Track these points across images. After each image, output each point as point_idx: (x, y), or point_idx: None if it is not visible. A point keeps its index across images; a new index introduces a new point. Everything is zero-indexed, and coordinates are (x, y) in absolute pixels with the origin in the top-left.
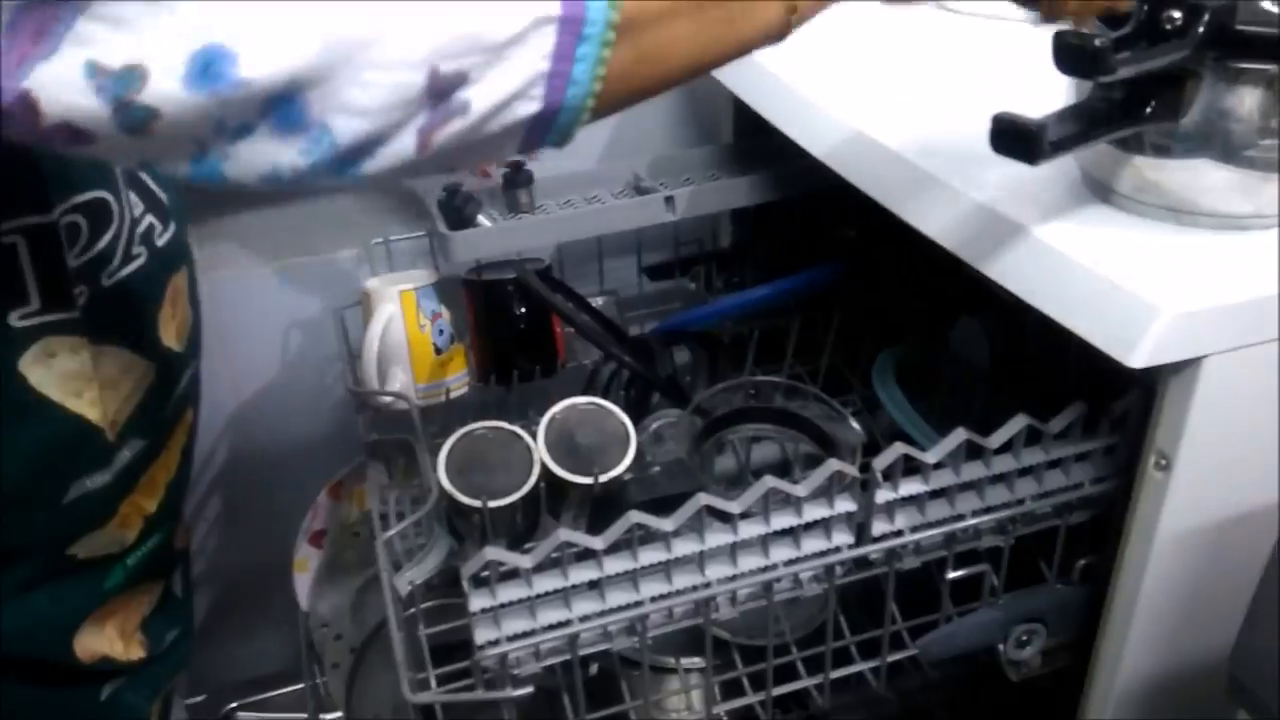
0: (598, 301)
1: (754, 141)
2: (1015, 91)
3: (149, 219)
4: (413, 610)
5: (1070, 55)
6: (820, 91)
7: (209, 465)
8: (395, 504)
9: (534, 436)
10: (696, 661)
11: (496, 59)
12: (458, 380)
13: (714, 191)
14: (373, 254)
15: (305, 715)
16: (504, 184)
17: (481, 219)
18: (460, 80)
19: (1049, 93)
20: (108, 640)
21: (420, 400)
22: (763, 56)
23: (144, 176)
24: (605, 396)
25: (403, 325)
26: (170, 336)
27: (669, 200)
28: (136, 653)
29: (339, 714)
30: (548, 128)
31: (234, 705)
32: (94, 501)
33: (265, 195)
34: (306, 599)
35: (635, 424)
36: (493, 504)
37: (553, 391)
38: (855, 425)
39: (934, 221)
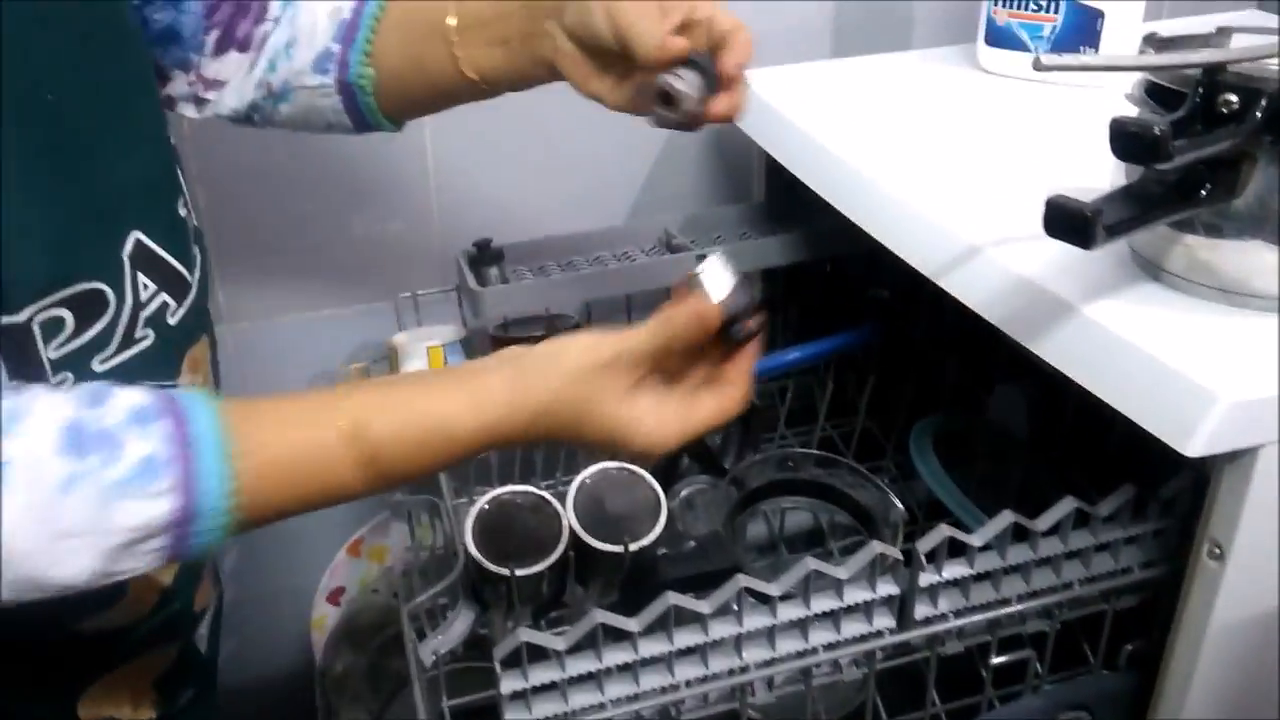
0: None
1: (786, 200)
2: (1058, 158)
3: (161, 299)
4: (436, 677)
5: (1128, 142)
6: (855, 152)
7: None
8: (419, 566)
9: (562, 501)
10: None
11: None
12: None
13: (746, 251)
14: (400, 307)
15: None
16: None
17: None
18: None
19: (1094, 160)
20: (114, 704)
21: None
22: (796, 114)
23: (163, 253)
24: None
25: None
26: None
27: (701, 259)
28: (147, 713)
29: None
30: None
31: None
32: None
33: (291, 243)
34: (324, 657)
35: (665, 488)
36: (520, 572)
37: (579, 448)
38: (898, 503)
39: (977, 294)
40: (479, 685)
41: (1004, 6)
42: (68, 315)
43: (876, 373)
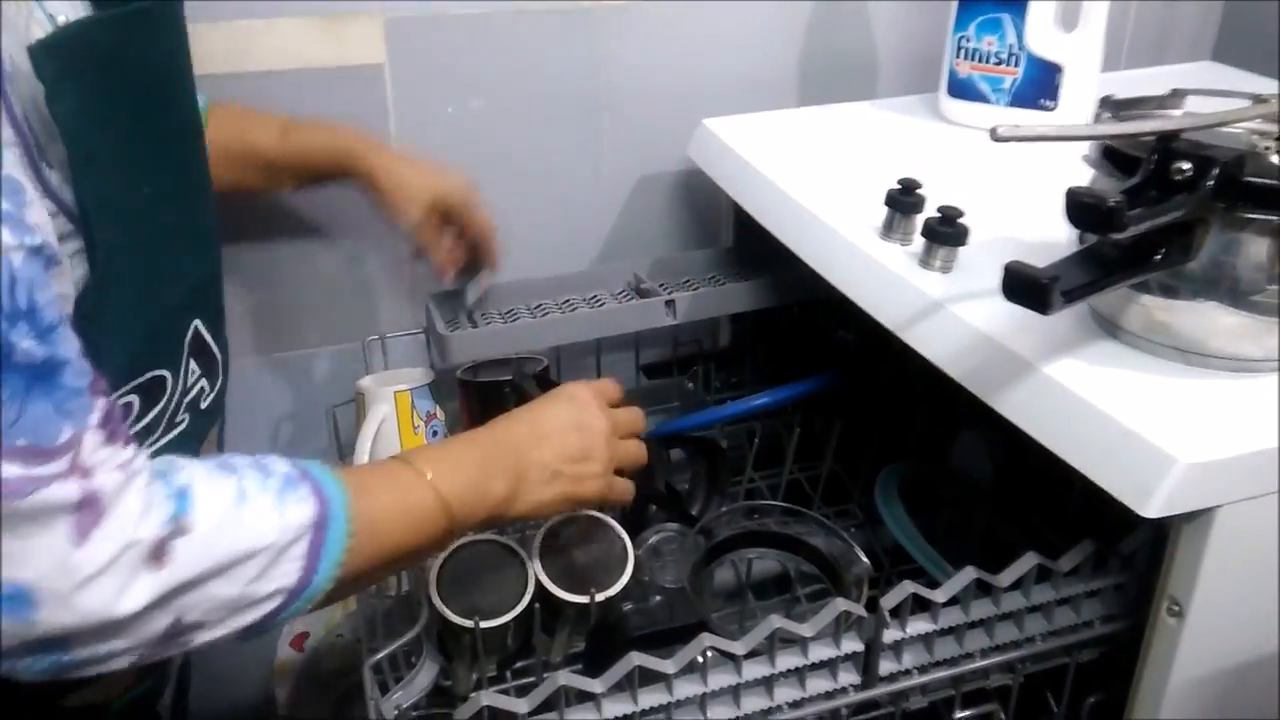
0: None
1: (754, 245)
2: (1018, 208)
3: (201, 384)
4: None
5: (1083, 213)
6: (819, 200)
7: None
8: (382, 612)
9: (528, 550)
10: None
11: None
12: None
13: (714, 296)
14: (368, 349)
15: None
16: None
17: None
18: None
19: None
20: (91, 693)
21: None
22: (762, 162)
23: (210, 340)
24: None
25: (396, 427)
26: None
27: (669, 304)
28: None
29: None
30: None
31: None
32: None
33: (259, 284)
34: (287, 704)
35: (632, 535)
36: (485, 624)
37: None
38: (863, 558)
39: (938, 349)
40: None
41: (966, 59)
42: (136, 400)
43: (844, 417)
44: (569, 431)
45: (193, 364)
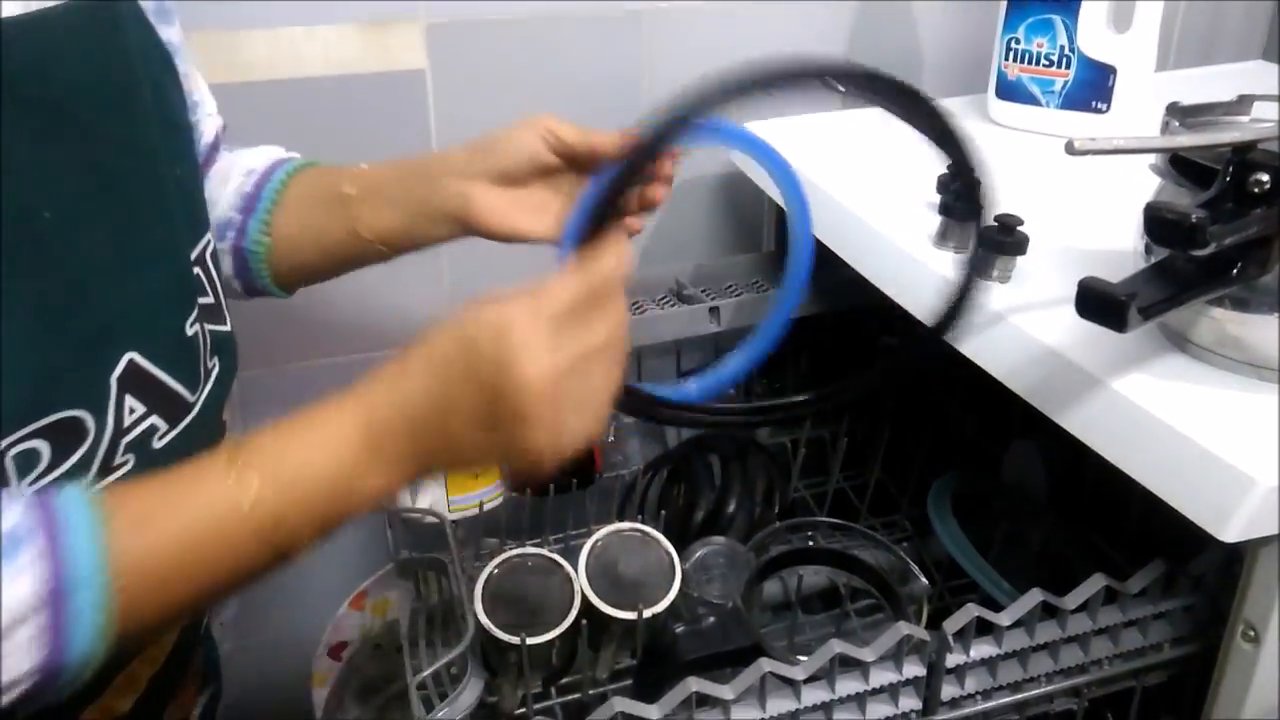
0: None
1: None
2: (1074, 214)
3: (149, 422)
4: None
5: (1164, 229)
6: (866, 205)
7: None
8: (425, 627)
9: (573, 563)
10: None
11: None
12: (492, 491)
13: (759, 303)
14: None
15: None
16: None
17: None
18: None
19: (1112, 218)
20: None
21: (452, 513)
22: (807, 165)
23: (160, 373)
24: (643, 510)
25: None
26: None
27: (714, 311)
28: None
29: None
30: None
31: None
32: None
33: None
34: (325, 713)
35: (677, 547)
36: (531, 641)
37: (589, 502)
38: (921, 577)
39: (999, 362)
40: None
41: (1015, 61)
42: (43, 446)
43: (890, 425)
44: (481, 415)
45: (130, 400)
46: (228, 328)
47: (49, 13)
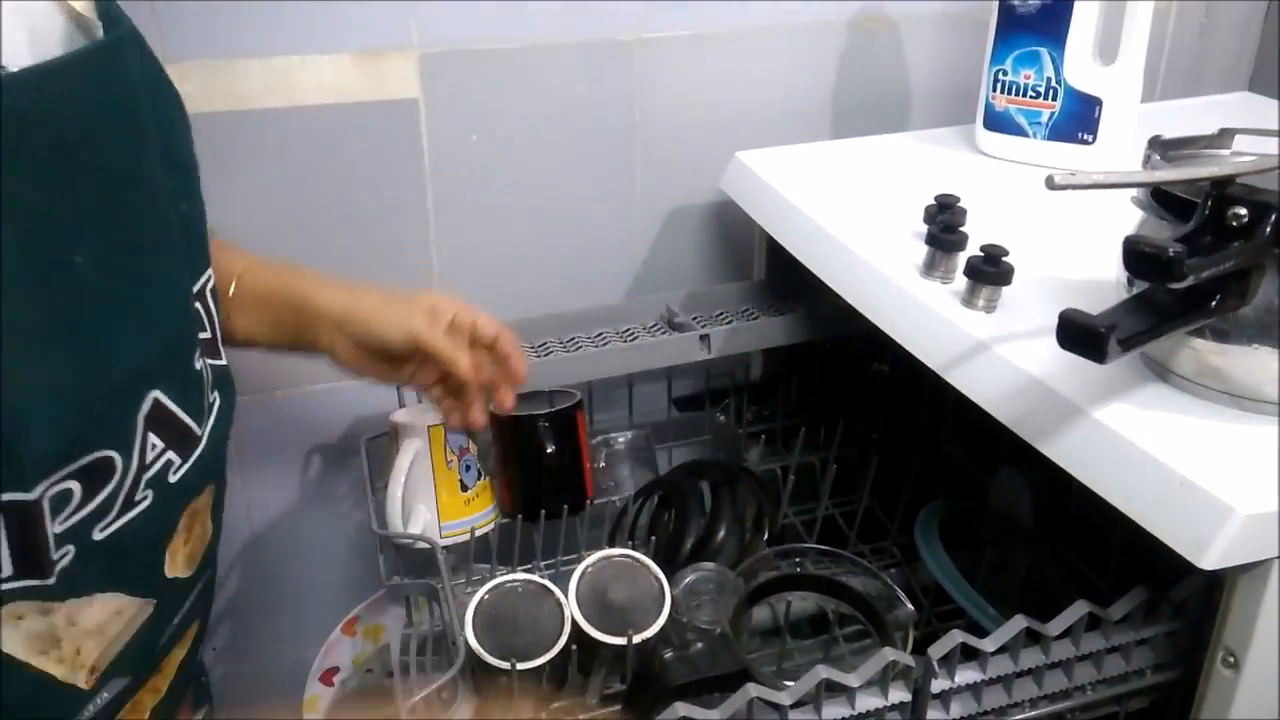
0: (627, 435)
1: (787, 278)
2: (1059, 244)
3: (166, 457)
4: None
5: (1142, 263)
6: (854, 234)
7: (219, 592)
8: (416, 652)
9: (563, 588)
10: None
11: None
12: (484, 517)
13: (749, 330)
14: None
15: None
16: None
17: None
18: None
19: (1096, 248)
20: None
21: (444, 539)
22: (796, 195)
23: (177, 410)
24: (633, 536)
25: (429, 461)
26: (179, 566)
27: (704, 339)
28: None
29: None
30: None
31: None
32: None
33: None
34: None
35: (667, 573)
36: (521, 666)
37: (581, 527)
38: (907, 603)
39: (984, 391)
40: None
41: (1003, 93)
42: (76, 486)
43: (879, 453)
44: None
45: (152, 438)
46: (224, 362)
47: (61, 61)
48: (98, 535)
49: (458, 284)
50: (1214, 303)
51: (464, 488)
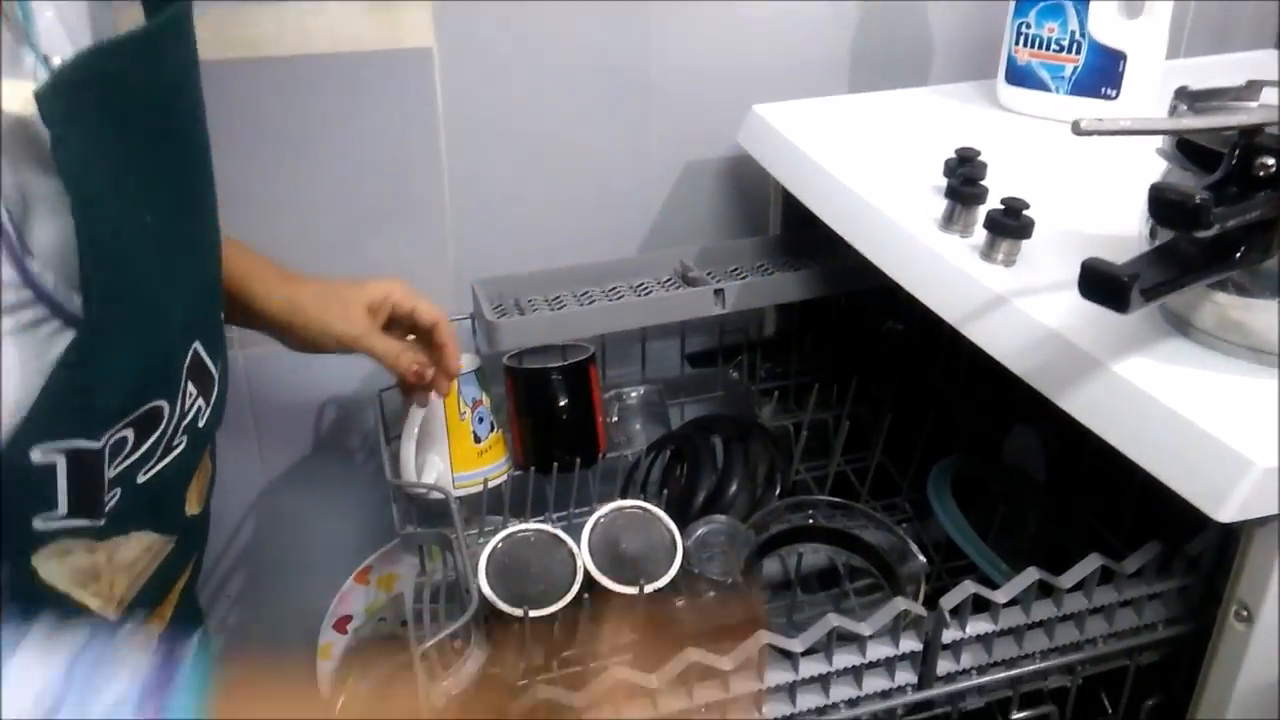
0: (640, 390)
1: (802, 234)
2: (1081, 199)
3: (198, 404)
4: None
5: (1168, 210)
6: (872, 188)
7: (234, 543)
8: (429, 600)
9: (576, 538)
10: None
11: None
12: (496, 469)
13: (764, 286)
14: None
15: None
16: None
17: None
18: None
19: (1118, 203)
20: None
21: (457, 490)
22: (813, 149)
23: (207, 359)
24: (645, 489)
25: (443, 413)
26: (193, 505)
27: (719, 293)
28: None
29: None
30: None
31: None
32: None
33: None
34: (330, 687)
35: (679, 526)
36: (534, 614)
37: (593, 481)
38: (919, 555)
39: (1002, 345)
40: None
41: (1025, 46)
42: (130, 434)
43: (892, 409)
44: None
45: (190, 387)
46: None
47: (164, 21)
48: (141, 479)
49: (471, 237)
50: (1238, 254)
51: (477, 439)
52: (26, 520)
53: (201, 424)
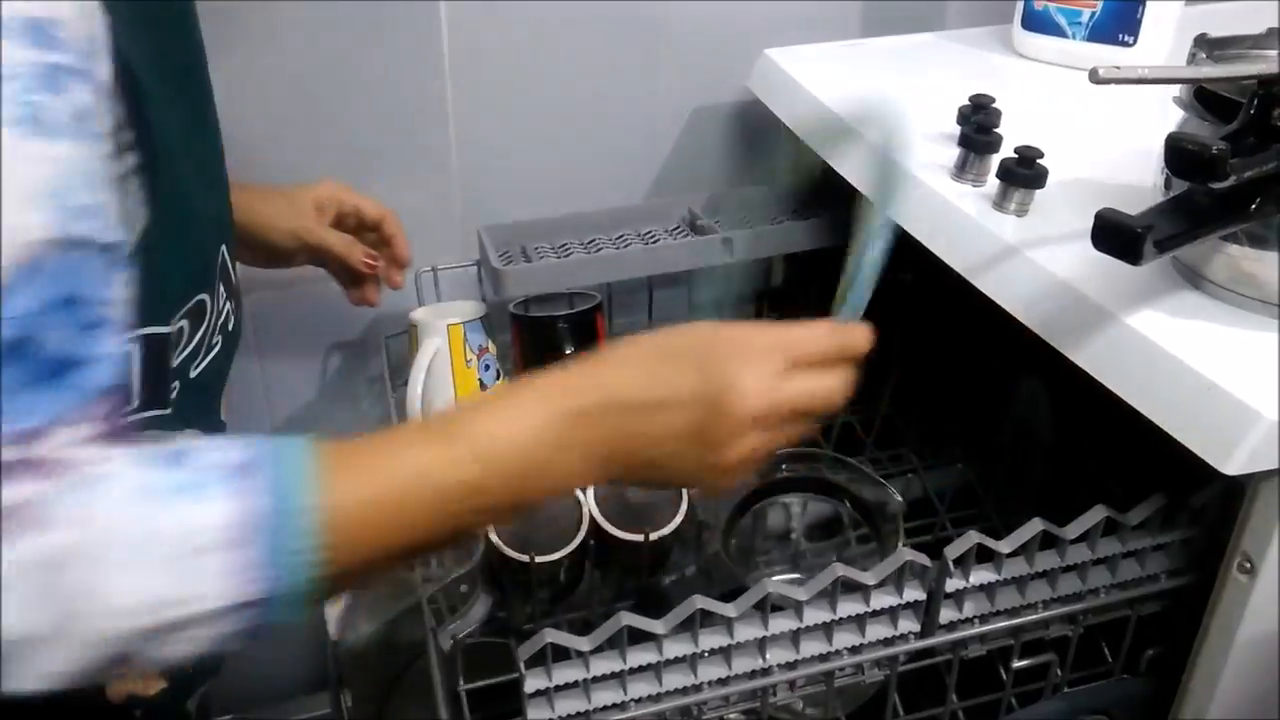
0: None
1: (812, 182)
2: (1096, 148)
3: (229, 306)
4: (454, 660)
5: (1185, 161)
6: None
7: None
8: None
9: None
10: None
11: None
12: None
13: (773, 234)
14: (420, 281)
15: None
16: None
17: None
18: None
19: (1133, 152)
20: (131, 682)
21: None
22: (824, 94)
23: (229, 261)
24: None
25: (449, 360)
26: (224, 411)
27: (727, 242)
28: (157, 686)
29: None
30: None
31: None
32: None
33: None
34: (336, 629)
35: None
36: (540, 559)
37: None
38: (896, 496)
39: (1012, 295)
40: (493, 660)
41: None
42: (186, 325)
43: (899, 362)
44: (690, 426)
45: (221, 288)
46: None
47: None
48: (193, 373)
49: (476, 183)
50: (1254, 206)
51: (483, 386)
52: None
53: (230, 327)
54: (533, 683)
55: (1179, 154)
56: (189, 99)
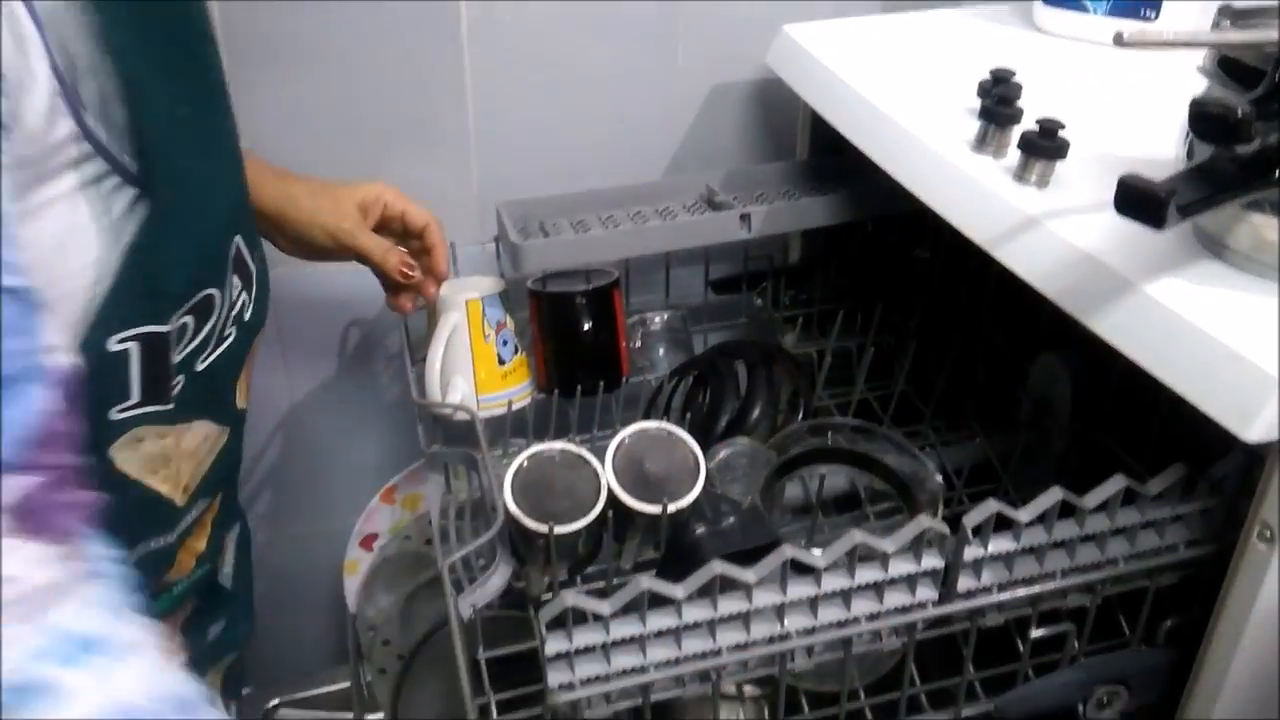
0: (663, 316)
1: (830, 158)
2: (1117, 122)
3: (243, 297)
4: (474, 629)
5: (1209, 124)
6: (904, 111)
7: (261, 461)
8: (455, 518)
9: (600, 458)
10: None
11: None
12: (520, 391)
13: (790, 210)
14: None
15: (351, 715)
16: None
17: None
18: None
19: (1155, 125)
20: None
21: (481, 411)
22: (844, 70)
23: (245, 251)
24: (668, 413)
25: (467, 335)
26: (242, 398)
27: (744, 218)
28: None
29: (382, 715)
30: None
31: (277, 702)
32: (157, 557)
33: None
34: (355, 602)
35: (702, 447)
36: (559, 530)
37: (615, 405)
38: (938, 477)
39: (1033, 266)
40: (511, 630)
41: None
42: (191, 321)
43: (917, 338)
44: None
45: (235, 279)
46: None
47: None
48: (199, 366)
49: (494, 159)
50: (1278, 172)
51: (501, 362)
52: (104, 413)
53: (247, 317)
54: (553, 645)
55: (1204, 116)
56: (188, 82)
